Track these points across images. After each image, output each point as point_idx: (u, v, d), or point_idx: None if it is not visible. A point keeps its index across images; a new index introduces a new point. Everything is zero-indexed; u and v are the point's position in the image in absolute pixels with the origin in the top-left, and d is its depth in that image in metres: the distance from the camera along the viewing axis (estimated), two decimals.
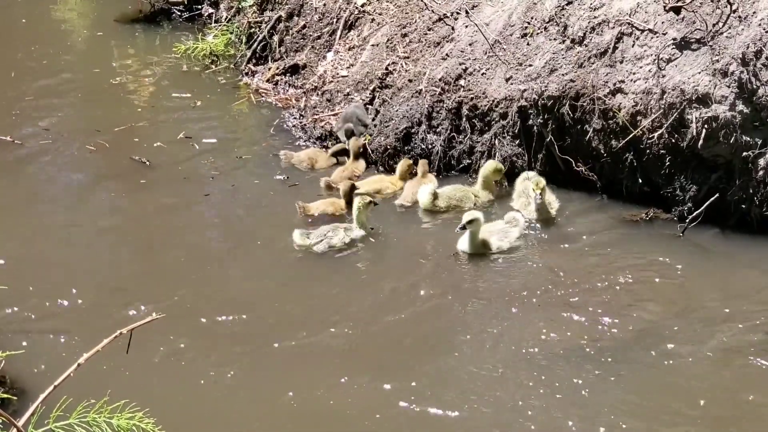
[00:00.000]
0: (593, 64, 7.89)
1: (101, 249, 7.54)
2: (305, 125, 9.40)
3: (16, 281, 6.74)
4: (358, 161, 8.58)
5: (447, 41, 8.90)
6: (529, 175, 7.83)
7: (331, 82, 9.56)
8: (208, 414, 5.66)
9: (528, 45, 8.34)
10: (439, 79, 8.58)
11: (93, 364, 3.05)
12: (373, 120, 8.90)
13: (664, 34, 7.62)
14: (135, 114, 9.92)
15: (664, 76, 7.48)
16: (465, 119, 8.40)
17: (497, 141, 8.26)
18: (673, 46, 7.53)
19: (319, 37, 10.26)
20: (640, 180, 7.78)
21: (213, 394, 5.81)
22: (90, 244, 7.62)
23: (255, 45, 10.84)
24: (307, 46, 10.33)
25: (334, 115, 9.23)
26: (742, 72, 7.18)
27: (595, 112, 7.81)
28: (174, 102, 10.19)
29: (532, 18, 8.43)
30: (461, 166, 8.47)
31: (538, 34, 8.33)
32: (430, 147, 8.52)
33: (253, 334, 6.40)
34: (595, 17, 8.02)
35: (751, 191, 7.30)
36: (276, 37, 10.68)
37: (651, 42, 7.66)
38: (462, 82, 8.49)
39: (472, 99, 8.37)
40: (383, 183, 8.27)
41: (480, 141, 8.36)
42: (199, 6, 12.37)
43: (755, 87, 7.17)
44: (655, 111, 7.50)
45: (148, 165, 8.70)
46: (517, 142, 8.20)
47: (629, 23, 7.80)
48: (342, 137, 8.79)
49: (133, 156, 8.84)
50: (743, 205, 7.37)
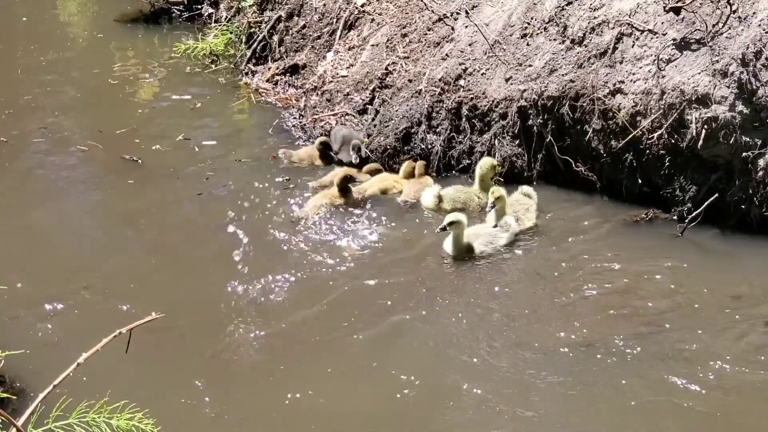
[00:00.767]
0: (593, 64, 7.89)
1: (102, 248, 7.53)
2: (305, 125, 9.40)
3: (15, 280, 6.74)
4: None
5: (447, 41, 8.90)
6: (524, 189, 7.73)
7: (331, 82, 9.56)
8: (208, 415, 5.66)
9: (528, 45, 8.34)
10: (439, 80, 8.59)
11: (92, 363, 3.05)
12: (373, 120, 8.90)
13: (663, 34, 7.62)
14: (134, 114, 9.90)
15: (663, 76, 7.48)
16: (465, 119, 8.40)
17: (497, 141, 8.26)
18: (673, 46, 7.53)
19: (319, 37, 10.26)
20: (639, 180, 7.78)
21: (213, 393, 5.81)
22: (90, 242, 7.62)
23: (255, 45, 10.84)
24: (307, 46, 10.33)
25: (333, 115, 9.22)
26: (741, 72, 7.18)
27: (595, 112, 7.82)
28: (174, 102, 10.18)
29: (532, 18, 8.43)
30: (461, 166, 8.47)
31: (537, 34, 8.33)
32: (429, 147, 8.52)
33: (254, 333, 6.39)
34: (595, 18, 8.02)
35: (751, 192, 7.30)
36: (276, 37, 10.68)
37: (651, 42, 7.66)
38: (462, 82, 8.49)
39: (471, 99, 8.37)
40: (388, 182, 8.26)
41: (480, 141, 8.36)
42: (199, 6, 12.38)
43: (755, 87, 7.17)
44: (655, 111, 7.50)
45: (140, 164, 8.69)
46: (517, 142, 8.20)
47: (629, 24, 7.81)
48: (349, 157, 8.60)
49: (125, 155, 8.84)
50: (743, 206, 7.37)
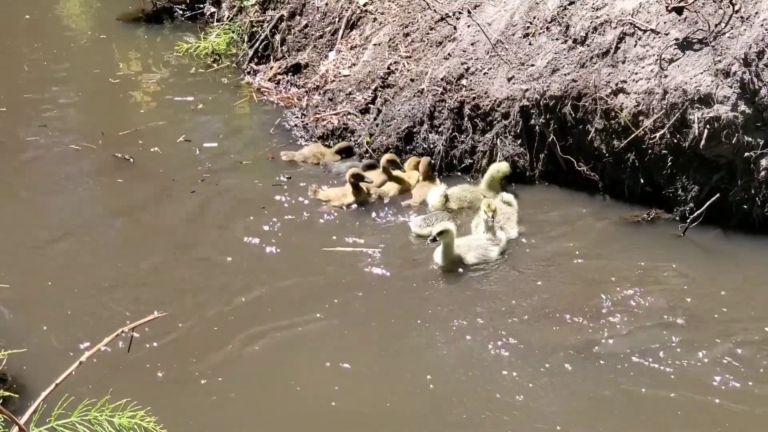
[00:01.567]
0: (595, 64, 7.89)
1: (102, 247, 7.54)
2: (307, 124, 9.40)
3: (15, 280, 6.74)
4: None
5: (449, 41, 8.90)
6: (504, 197, 7.61)
7: (333, 81, 9.56)
8: (210, 413, 5.66)
9: (530, 45, 8.34)
10: (441, 79, 8.58)
11: (94, 362, 3.05)
12: (375, 119, 8.90)
13: (666, 34, 7.62)
14: (135, 114, 9.89)
15: (666, 76, 7.47)
16: (467, 119, 8.40)
17: (499, 141, 8.26)
18: (675, 46, 7.52)
19: (321, 37, 10.26)
20: (641, 180, 7.77)
21: (214, 392, 5.81)
22: (90, 241, 7.62)
23: (257, 44, 10.84)
24: (309, 45, 10.33)
25: (335, 115, 9.22)
26: (744, 72, 7.17)
27: (597, 112, 7.81)
28: (175, 102, 10.16)
29: (534, 18, 8.43)
30: (463, 165, 8.46)
31: (540, 33, 8.33)
32: (431, 147, 8.52)
33: (255, 332, 6.40)
34: (598, 17, 8.02)
35: (753, 192, 7.30)
36: (278, 36, 10.68)
37: (653, 42, 7.66)
38: (464, 81, 8.49)
39: (474, 99, 8.37)
40: (403, 176, 8.20)
41: (482, 141, 8.36)
42: (201, 5, 12.37)
43: (757, 87, 7.16)
44: (657, 111, 7.50)
45: (132, 162, 8.70)
46: (519, 141, 8.20)
47: (631, 23, 7.80)
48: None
49: (117, 153, 8.84)
50: (745, 206, 7.37)
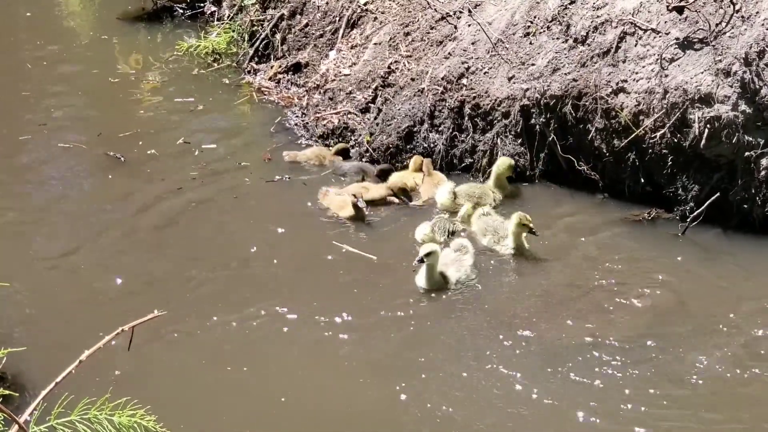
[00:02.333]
0: (596, 63, 7.89)
1: (102, 246, 7.53)
2: (307, 124, 9.39)
3: (15, 279, 6.74)
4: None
5: (449, 40, 8.89)
6: (486, 210, 7.42)
7: (334, 80, 9.55)
8: (210, 411, 5.66)
9: (531, 44, 8.33)
10: (442, 78, 8.58)
11: (94, 360, 3.05)
12: (375, 119, 8.90)
13: (666, 33, 7.62)
14: (135, 114, 9.85)
15: (666, 75, 7.47)
16: (467, 118, 8.40)
17: (499, 140, 8.26)
18: (676, 45, 7.52)
19: (322, 36, 10.25)
20: (642, 179, 7.77)
21: (215, 391, 5.81)
22: (89, 240, 7.61)
23: (257, 43, 10.82)
24: (310, 44, 10.32)
25: (336, 114, 9.22)
26: (744, 72, 7.17)
27: (598, 111, 7.81)
28: (175, 101, 10.14)
29: (535, 17, 8.43)
30: (463, 165, 8.46)
31: (540, 33, 8.32)
32: (432, 146, 8.52)
33: (255, 331, 6.40)
34: (598, 17, 8.02)
35: (754, 191, 7.29)
36: (278, 36, 10.67)
37: (654, 41, 7.66)
38: (464, 81, 8.49)
39: (474, 98, 8.37)
40: (407, 178, 8.17)
41: (482, 140, 8.36)
42: (202, 4, 12.35)
43: (758, 87, 7.16)
44: (658, 110, 7.50)
45: (122, 161, 8.70)
46: (520, 141, 8.20)
47: (632, 23, 7.80)
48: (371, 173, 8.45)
49: (108, 152, 8.84)
50: (745, 206, 7.36)
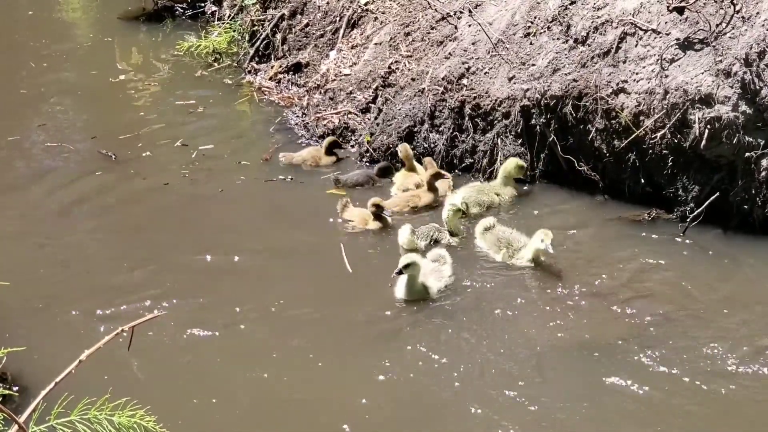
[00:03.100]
0: (596, 63, 7.89)
1: (101, 245, 7.53)
2: (307, 124, 9.40)
3: (16, 278, 6.73)
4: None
5: (450, 40, 8.89)
6: (490, 223, 7.23)
7: (334, 80, 9.56)
8: (210, 412, 5.66)
9: (531, 44, 8.33)
10: (442, 78, 8.58)
11: (94, 360, 3.05)
12: (376, 119, 8.90)
13: (667, 34, 7.61)
14: (135, 114, 9.85)
15: (667, 76, 7.47)
16: (468, 118, 8.40)
17: (500, 140, 8.26)
18: (676, 46, 7.52)
19: (322, 36, 10.26)
20: (642, 180, 7.77)
21: (215, 392, 5.81)
22: (88, 240, 7.61)
23: (258, 43, 10.83)
24: (310, 44, 10.33)
25: (336, 114, 9.22)
26: (745, 73, 7.17)
27: (598, 111, 7.81)
28: (175, 102, 10.14)
29: (535, 17, 8.43)
30: (464, 165, 8.46)
31: (541, 33, 8.32)
32: (432, 146, 8.52)
33: (255, 332, 6.40)
34: (599, 17, 8.01)
35: (754, 192, 7.29)
36: (279, 35, 10.68)
37: (654, 42, 7.65)
38: (465, 81, 8.49)
39: (474, 98, 8.37)
40: (413, 178, 8.16)
41: (482, 140, 8.36)
42: (203, 4, 12.37)
43: (758, 88, 7.16)
44: (658, 111, 7.49)
45: (114, 159, 8.69)
46: (520, 141, 8.19)
47: (632, 23, 7.80)
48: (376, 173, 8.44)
49: (101, 150, 8.85)
50: (745, 206, 7.36)
